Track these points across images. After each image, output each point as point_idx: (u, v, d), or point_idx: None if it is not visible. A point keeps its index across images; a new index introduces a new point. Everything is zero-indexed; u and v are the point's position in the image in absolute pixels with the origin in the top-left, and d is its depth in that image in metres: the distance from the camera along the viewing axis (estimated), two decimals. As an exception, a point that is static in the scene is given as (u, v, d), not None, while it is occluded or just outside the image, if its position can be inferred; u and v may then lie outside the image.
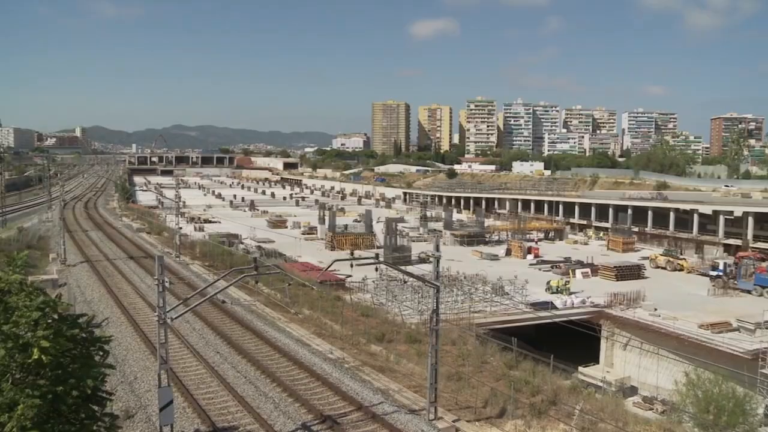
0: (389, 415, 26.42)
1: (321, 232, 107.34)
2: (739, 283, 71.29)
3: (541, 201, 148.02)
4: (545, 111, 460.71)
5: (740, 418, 36.54)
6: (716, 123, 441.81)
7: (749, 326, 53.64)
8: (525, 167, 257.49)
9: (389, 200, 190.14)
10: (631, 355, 57.43)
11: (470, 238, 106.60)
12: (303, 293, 52.49)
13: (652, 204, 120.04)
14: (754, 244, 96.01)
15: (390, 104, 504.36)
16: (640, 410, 44.46)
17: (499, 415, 27.60)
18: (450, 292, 59.98)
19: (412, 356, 36.15)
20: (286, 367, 32.97)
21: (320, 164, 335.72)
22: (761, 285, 68.84)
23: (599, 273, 79.14)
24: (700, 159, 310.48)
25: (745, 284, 70.68)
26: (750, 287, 69.79)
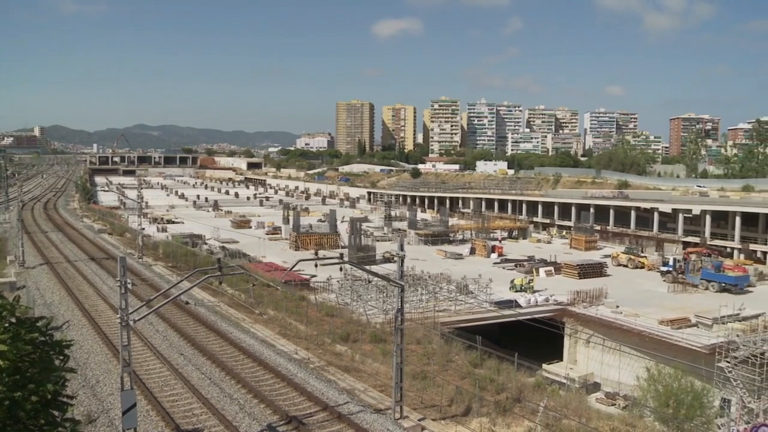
0: (355, 414, 26.39)
1: (285, 232, 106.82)
2: (687, 278, 73.83)
3: (505, 200, 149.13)
4: (509, 111, 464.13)
5: (698, 411, 37.31)
6: (675, 123, 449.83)
7: (707, 322, 54.67)
8: (489, 167, 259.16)
9: (353, 200, 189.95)
10: (594, 351, 58.10)
11: (434, 238, 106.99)
12: (267, 294, 52.21)
13: (614, 203, 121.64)
14: (711, 241, 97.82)
15: (354, 104, 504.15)
16: (603, 406, 45.01)
17: (464, 413, 27.73)
18: (414, 291, 60.12)
19: (377, 356, 36.17)
20: (251, 368, 32.76)
21: (284, 164, 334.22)
22: (707, 279, 71.84)
23: (562, 271, 79.92)
24: (659, 158, 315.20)
25: (692, 278, 73.28)
26: (697, 281, 72.50)
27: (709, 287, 70.79)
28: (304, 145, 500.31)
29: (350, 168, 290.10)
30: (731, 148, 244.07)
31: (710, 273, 72.26)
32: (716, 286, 70.69)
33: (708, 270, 72.70)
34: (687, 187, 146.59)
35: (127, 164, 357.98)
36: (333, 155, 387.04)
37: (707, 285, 71.50)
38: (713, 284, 71.00)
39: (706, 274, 72.40)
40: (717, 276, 71.67)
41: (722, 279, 71.08)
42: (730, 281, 70.76)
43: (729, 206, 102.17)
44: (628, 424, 28.15)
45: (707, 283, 71.69)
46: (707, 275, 72.34)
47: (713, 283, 71.19)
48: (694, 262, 75.11)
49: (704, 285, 71.74)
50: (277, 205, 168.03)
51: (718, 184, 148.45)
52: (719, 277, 71.53)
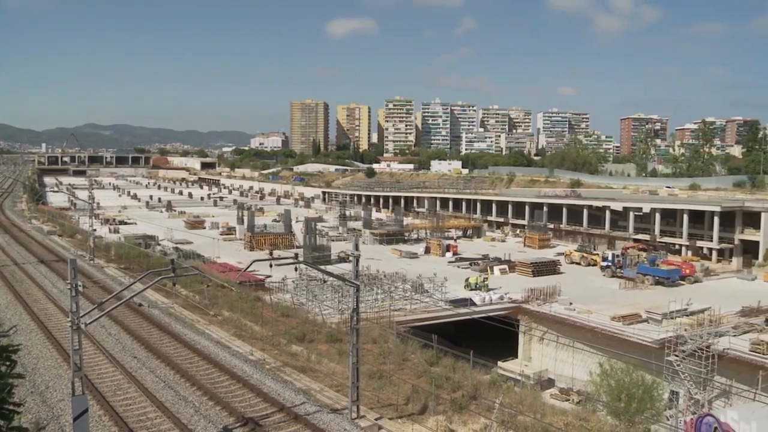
0: (312, 415, 26.35)
1: (240, 232, 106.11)
2: (625, 272, 78.21)
3: (459, 199, 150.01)
4: (463, 110, 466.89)
5: (648, 404, 38.23)
6: (626, 123, 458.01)
7: (657, 317, 55.90)
8: (443, 166, 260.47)
9: (308, 200, 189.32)
10: (548, 348, 58.90)
11: (389, 237, 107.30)
12: (222, 294, 51.78)
13: (567, 201, 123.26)
14: (661, 238, 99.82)
15: (308, 103, 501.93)
16: (557, 401, 45.62)
17: (420, 412, 27.88)
18: (370, 290, 60.18)
19: (333, 355, 36.14)
20: (206, 370, 32.47)
21: (238, 164, 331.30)
22: (643, 273, 76.06)
23: (516, 269, 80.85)
24: (611, 157, 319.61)
25: (629, 273, 77.97)
26: (633, 275, 76.83)
27: (645, 280, 74.68)
28: (259, 145, 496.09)
29: (305, 168, 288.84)
30: (679, 148, 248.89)
31: (645, 267, 77.12)
32: (651, 279, 74.84)
33: (644, 264, 77.62)
34: (637, 185, 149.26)
35: (78, 164, 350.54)
36: (287, 155, 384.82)
37: (643, 278, 75.31)
38: (648, 278, 75.13)
39: (642, 269, 76.98)
40: (651, 270, 76.24)
41: (656, 272, 75.52)
42: (662, 275, 74.99)
43: (677, 204, 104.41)
44: (582, 418, 28.60)
45: (643, 277, 75.50)
46: (643, 269, 76.82)
47: (648, 276, 75.39)
48: (632, 258, 79.24)
49: (640, 279, 75.54)
50: (231, 205, 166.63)
51: (666, 182, 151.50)
52: (653, 270, 75.99)
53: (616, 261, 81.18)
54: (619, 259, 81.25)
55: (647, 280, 74.86)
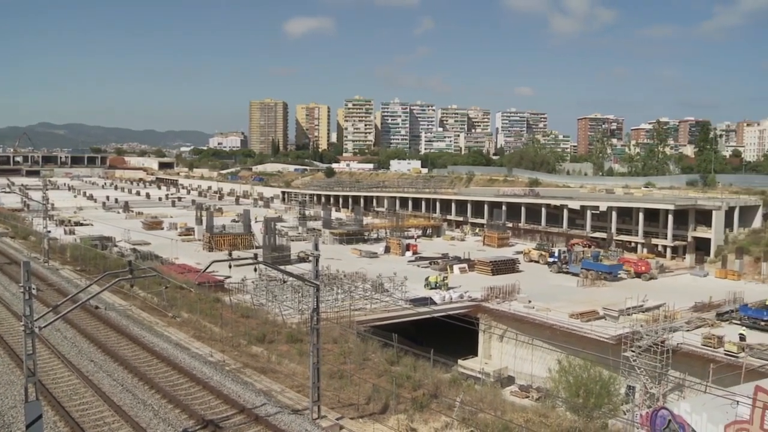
0: (272, 416, 26.27)
1: (198, 233, 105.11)
2: (570, 267, 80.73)
3: (419, 199, 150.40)
4: (422, 110, 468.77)
5: (606, 399, 38.86)
6: (582, 123, 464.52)
7: (613, 314, 56.84)
8: (402, 165, 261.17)
9: (268, 200, 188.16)
10: (507, 346, 59.48)
11: (349, 237, 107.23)
12: (181, 296, 51.27)
13: (525, 200, 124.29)
14: (617, 236, 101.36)
15: (267, 103, 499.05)
16: (518, 398, 46.17)
17: (382, 411, 27.96)
18: (330, 290, 60.14)
19: (293, 356, 36.05)
20: (165, 372, 32.15)
21: (197, 164, 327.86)
22: (586, 268, 78.31)
23: (476, 268, 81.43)
24: (568, 157, 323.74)
25: (574, 268, 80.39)
26: (577, 270, 79.19)
27: (588, 276, 76.76)
28: (217, 145, 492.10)
29: (264, 167, 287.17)
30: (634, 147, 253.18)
31: (589, 263, 79.74)
32: (594, 274, 77.05)
33: (588, 260, 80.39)
34: (594, 184, 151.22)
35: (31, 164, 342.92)
36: (246, 155, 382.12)
37: (587, 274, 77.37)
38: (591, 273, 77.34)
39: (586, 264, 79.50)
40: (595, 265, 78.77)
41: (599, 268, 78.12)
42: (604, 269, 77.83)
43: (633, 203, 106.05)
44: (541, 415, 28.97)
45: (587, 272, 77.67)
46: (587, 265, 79.29)
47: (591, 271, 77.69)
48: (576, 254, 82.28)
49: (584, 274, 77.58)
50: (189, 205, 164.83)
51: (622, 181, 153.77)
52: (596, 266, 78.57)
53: (562, 257, 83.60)
54: (564, 255, 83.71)
55: (590, 275, 76.74)
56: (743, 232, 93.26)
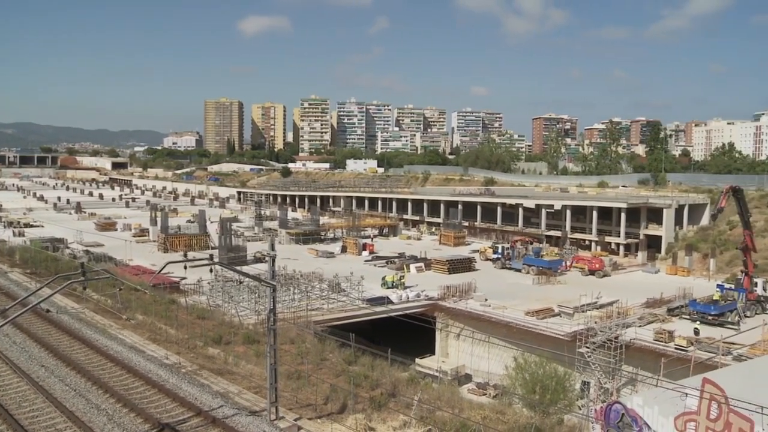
0: (230, 418, 26.10)
1: (153, 233, 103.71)
2: (513, 264, 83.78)
3: (375, 198, 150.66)
4: (378, 110, 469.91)
5: (561, 395, 39.51)
6: (537, 123, 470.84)
7: (568, 311, 57.62)
8: (359, 165, 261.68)
9: (223, 200, 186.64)
10: (464, 344, 59.86)
11: (306, 237, 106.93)
12: (135, 298, 50.59)
13: (481, 199, 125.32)
14: (572, 234, 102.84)
15: (223, 102, 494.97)
16: (475, 396, 46.50)
17: (340, 411, 27.97)
18: (287, 290, 59.91)
19: (250, 357, 35.86)
20: (119, 376, 31.68)
21: (151, 164, 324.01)
22: (528, 264, 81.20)
23: (432, 267, 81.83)
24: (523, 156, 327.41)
25: (516, 264, 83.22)
26: (519, 266, 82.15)
27: (530, 271, 79.55)
28: (172, 144, 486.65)
29: (219, 167, 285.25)
30: (588, 147, 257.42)
31: (531, 259, 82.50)
32: (535, 269, 79.25)
33: (529, 256, 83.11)
34: (549, 183, 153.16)
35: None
36: (202, 154, 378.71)
37: (528, 269, 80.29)
38: (533, 268, 79.81)
39: (528, 260, 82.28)
40: (536, 261, 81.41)
41: (539, 263, 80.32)
42: (545, 265, 79.66)
43: (586, 201, 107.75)
44: (499, 412, 29.27)
45: (528, 268, 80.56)
46: (528, 261, 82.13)
47: (533, 267, 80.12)
48: (519, 250, 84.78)
49: (526, 269, 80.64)
50: (144, 206, 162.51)
51: (576, 180, 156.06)
52: (537, 261, 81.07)
53: (505, 253, 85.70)
54: (507, 251, 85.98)
55: (531, 270, 79.22)
56: (692, 230, 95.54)
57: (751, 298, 59.11)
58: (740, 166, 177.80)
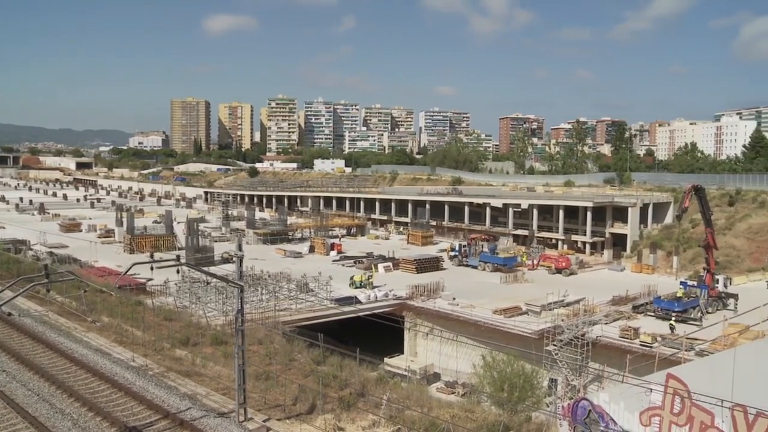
0: (198, 420, 25.93)
1: (119, 234, 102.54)
2: (470, 261, 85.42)
3: (343, 198, 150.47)
4: (345, 109, 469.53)
5: (529, 393, 39.87)
6: (504, 122, 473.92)
7: (536, 309, 58.12)
8: (326, 165, 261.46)
9: (190, 200, 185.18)
10: (433, 343, 60.05)
11: (273, 237, 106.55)
12: (101, 300, 50.03)
13: (448, 199, 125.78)
14: (539, 233, 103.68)
15: (189, 102, 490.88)
16: (444, 395, 46.73)
17: (309, 411, 27.94)
18: (255, 291, 59.54)
19: (218, 358, 35.65)
20: (84, 379, 31.28)
21: (116, 164, 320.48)
22: (484, 261, 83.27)
23: (400, 266, 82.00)
24: (490, 156, 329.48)
25: (473, 261, 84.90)
26: (476, 263, 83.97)
27: (486, 267, 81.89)
28: (138, 144, 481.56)
29: (186, 167, 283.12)
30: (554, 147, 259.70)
31: (486, 256, 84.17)
32: (491, 266, 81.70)
33: (485, 253, 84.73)
34: (516, 182, 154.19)
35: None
36: (168, 154, 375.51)
37: (484, 266, 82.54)
38: (489, 265, 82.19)
39: (483, 257, 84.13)
40: (491, 258, 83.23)
41: (495, 260, 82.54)
42: (500, 262, 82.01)
43: (553, 200, 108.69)
44: (467, 410, 29.47)
45: (484, 264, 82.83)
46: (484, 258, 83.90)
47: (489, 264, 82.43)
48: (475, 247, 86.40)
49: (482, 266, 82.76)
50: (109, 206, 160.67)
51: (543, 179, 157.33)
52: (493, 258, 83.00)
53: (463, 251, 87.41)
54: (465, 249, 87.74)
55: (488, 267, 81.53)
56: (656, 228, 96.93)
57: (712, 295, 60.16)
58: (702, 165, 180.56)
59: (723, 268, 71.55)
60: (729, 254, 79.04)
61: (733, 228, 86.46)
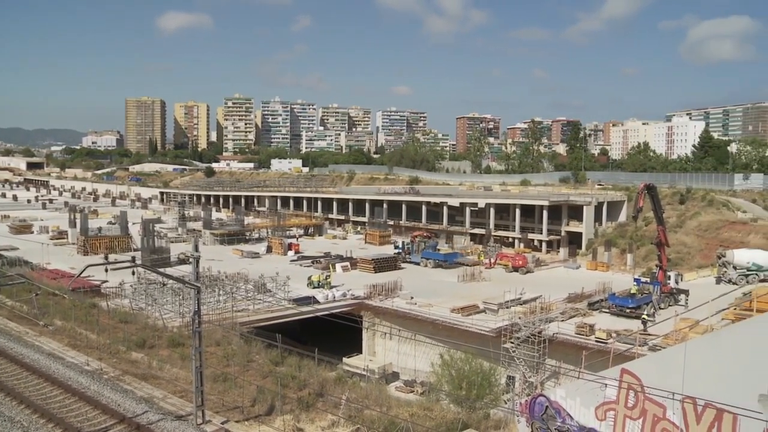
0: (155, 423, 25.59)
1: (72, 236, 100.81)
2: (412, 257, 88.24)
3: (300, 198, 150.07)
4: (303, 109, 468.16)
5: (487, 390, 40.21)
6: (461, 122, 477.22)
7: (493, 307, 58.68)
8: (284, 165, 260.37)
9: (146, 200, 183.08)
10: (391, 342, 60.24)
11: (230, 237, 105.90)
12: (54, 303, 48.97)
13: (406, 198, 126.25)
14: (495, 232, 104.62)
15: (144, 101, 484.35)
16: (402, 394, 46.95)
17: (267, 413, 27.78)
18: (212, 292, 59.11)
19: (175, 361, 35.25)
20: (36, 385, 30.59)
21: (69, 164, 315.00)
22: (425, 258, 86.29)
23: (358, 266, 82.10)
24: (448, 155, 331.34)
25: (415, 258, 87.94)
26: (418, 260, 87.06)
27: (428, 264, 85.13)
28: (91, 144, 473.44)
29: (141, 167, 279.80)
30: (511, 146, 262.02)
31: (428, 252, 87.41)
32: (432, 263, 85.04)
33: (427, 250, 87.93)
34: (473, 182, 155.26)
35: None
36: (123, 154, 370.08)
37: (426, 262, 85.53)
38: (430, 261, 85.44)
39: (425, 254, 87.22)
40: (432, 254, 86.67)
41: (436, 257, 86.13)
42: (441, 258, 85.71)
43: (509, 199, 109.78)
44: (426, 408, 29.58)
45: (426, 261, 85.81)
46: (426, 254, 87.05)
47: (430, 260, 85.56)
48: (418, 244, 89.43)
49: (424, 263, 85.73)
50: (62, 207, 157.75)
51: (500, 179, 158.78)
52: (434, 255, 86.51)
53: (405, 248, 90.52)
54: (408, 246, 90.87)
55: (429, 263, 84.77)
56: (611, 226, 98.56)
57: (665, 291, 61.41)
58: (654, 164, 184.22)
59: (674, 265, 73.17)
60: (680, 251, 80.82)
61: (684, 225, 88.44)
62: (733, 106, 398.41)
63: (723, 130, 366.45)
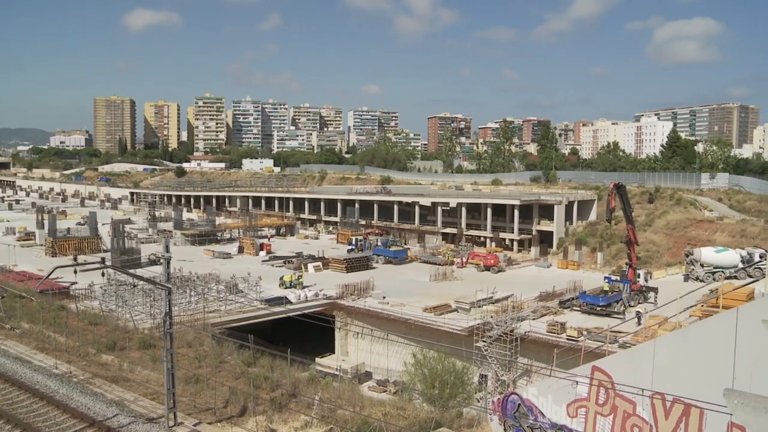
0: (126, 426, 25.38)
1: (40, 237, 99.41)
2: (365, 254, 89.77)
3: (272, 198, 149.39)
4: (274, 109, 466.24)
5: (460, 389, 40.36)
6: (432, 122, 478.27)
7: (465, 306, 58.92)
8: (255, 164, 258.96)
9: (115, 201, 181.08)
10: (364, 342, 60.28)
11: (202, 237, 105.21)
12: (21, 305, 48.33)
13: (378, 198, 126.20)
14: (467, 231, 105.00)
15: (113, 100, 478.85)
16: (375, 393, 46.95)
17: (240, 414, 27.68)
18: (183, 293, 58.61)
19: (147, 362, 34.96)
20: (2, 390, 30.14)
21: (37, 164, 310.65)
22: (377, 254, 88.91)
23: (330, 266, 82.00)
24: (419, 155, 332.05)
25: (367, 254, 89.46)
26: (370, 256, 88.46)
27: (378, 260, 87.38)
28: (59, 144, 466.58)
29: (111, 167, 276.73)
30: (482, 145, 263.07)
31: (379, 249, 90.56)
32: (383, 259, 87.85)
33: (378, 247, 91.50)
34: (444, 181, 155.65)
35: None
36: (92, 154, 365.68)
37: (377, 258, 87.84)
38: (381, 257, 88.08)
39: (377, 251, 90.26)
40: (383, 251, 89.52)
41: (386, 253, 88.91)
42: (390, 255, 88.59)
43: (481, 199, 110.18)
44: (399, 408, 29.67)
45: (377, 257, 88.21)
46: (377, 251, 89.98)
47: (381, 256, 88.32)
48: (371, 242, 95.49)
49: (375, 259, 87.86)
50: (29, 208, 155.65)
51: (471, 178, 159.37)
52: (384, 252, 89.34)
53: (358, 245, 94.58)
54: (360, 243, 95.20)
55: (380, 259, 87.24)
56: (581, 225, 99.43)
57: (634, 289, 62.09)
58: (624, 164, 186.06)
59: (644, 263, 74.07)
60: (649, 249, 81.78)
61: (653, 224, 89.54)
62: (700, 106, 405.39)
63: (690, 129, 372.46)
